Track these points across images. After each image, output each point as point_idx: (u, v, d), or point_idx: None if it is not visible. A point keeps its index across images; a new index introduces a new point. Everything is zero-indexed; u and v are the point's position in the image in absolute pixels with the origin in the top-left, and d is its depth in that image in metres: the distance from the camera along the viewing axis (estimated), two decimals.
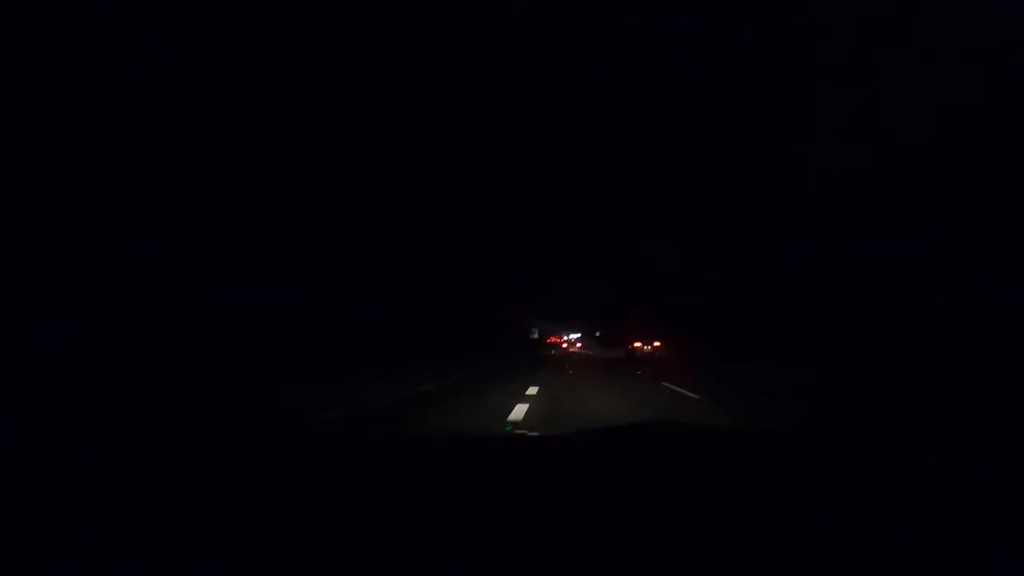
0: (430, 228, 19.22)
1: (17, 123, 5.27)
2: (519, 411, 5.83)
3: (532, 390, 8.31)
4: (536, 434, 1.55)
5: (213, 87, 7.99)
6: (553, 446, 1.43)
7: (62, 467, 1.14)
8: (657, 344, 24.16)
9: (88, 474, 1.11)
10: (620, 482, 1.11)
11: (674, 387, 8.91)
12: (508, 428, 4.64)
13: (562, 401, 7.27)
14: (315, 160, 11.23)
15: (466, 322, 23.10)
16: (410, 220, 17.20)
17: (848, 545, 0.83)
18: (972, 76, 8.26)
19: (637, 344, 24.96)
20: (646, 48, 15.30)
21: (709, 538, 0.85)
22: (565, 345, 43.03)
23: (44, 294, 5.20)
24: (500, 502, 1.00)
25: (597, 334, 43.37)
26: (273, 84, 9.46)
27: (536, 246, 42.59)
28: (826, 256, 12.64)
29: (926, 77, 8.95)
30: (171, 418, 4.58)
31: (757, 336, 15.93)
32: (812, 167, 12.61)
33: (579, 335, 48.87)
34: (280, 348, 8.53)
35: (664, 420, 1.59)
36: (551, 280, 50.20)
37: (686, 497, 1.02)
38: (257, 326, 8.35)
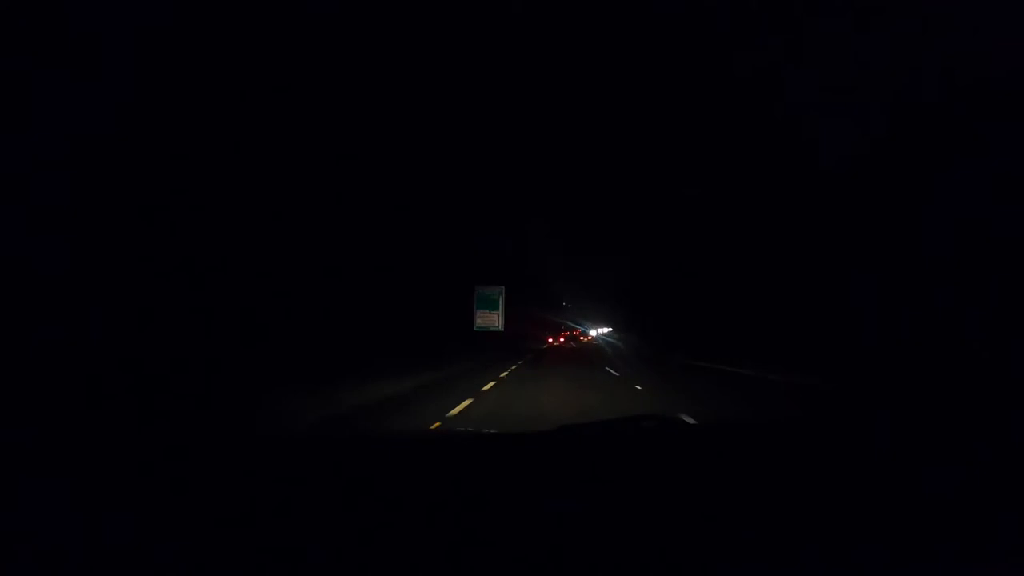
0: (430, 227, 19.24)
1: (15, 121, 5.26)
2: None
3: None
4: (534, 432, 1.53)
5: (212, 83, 7.98)
6: (546, 444, 1.42)
7: (58, 470, 1.14)
8: (567, 334, 53.54)
9: (85, 476, 1.10)
10: (617, 481, 1.10)
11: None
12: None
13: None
14: (314, 160, 11.24)
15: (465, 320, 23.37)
16: (409, 220, 17.21)
17: (848, 545, 0.82)
18: None
19: (561, 339, 49.25)
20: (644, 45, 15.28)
21: (707, 538, 0.84)
22: (551, 340, 46.11)
23: (40, 294, 5.19)
24: (499, 502, 1.00)
25: (551, 341, 50.71)
26: (272, 83, 9.46)
27: (536, 246, 42.99)
28: (831, 255, 12.63)
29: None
30: (167, 420, 4.57)
31: (755, 336, 15.94)
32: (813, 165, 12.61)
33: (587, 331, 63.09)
34: (272, 348, 8.54)
35: (650, 414, 1.58)
36: (553, 280, 52.16)
37: (683, 496, 1.01)
38: (251, 325, 8.35)
